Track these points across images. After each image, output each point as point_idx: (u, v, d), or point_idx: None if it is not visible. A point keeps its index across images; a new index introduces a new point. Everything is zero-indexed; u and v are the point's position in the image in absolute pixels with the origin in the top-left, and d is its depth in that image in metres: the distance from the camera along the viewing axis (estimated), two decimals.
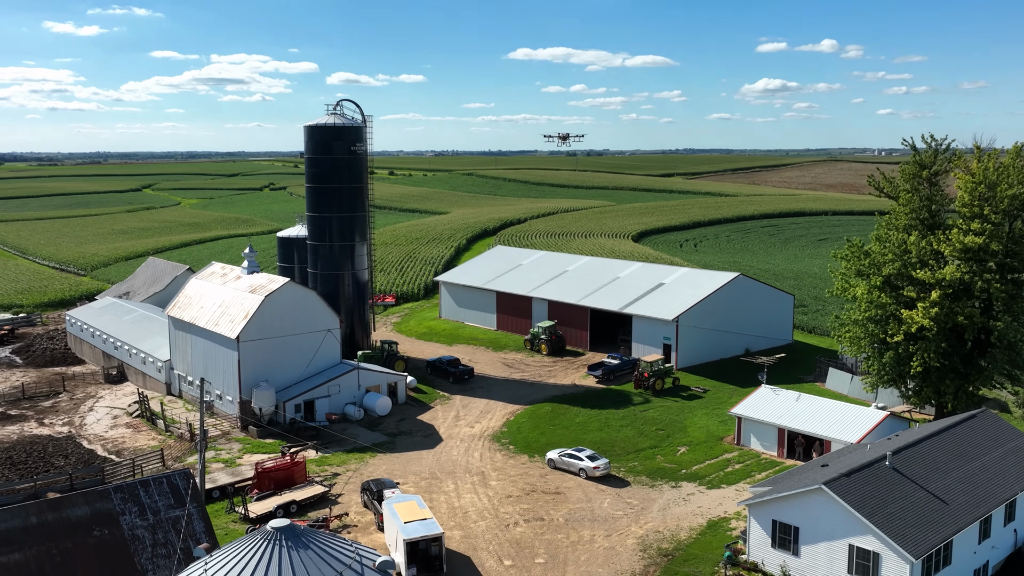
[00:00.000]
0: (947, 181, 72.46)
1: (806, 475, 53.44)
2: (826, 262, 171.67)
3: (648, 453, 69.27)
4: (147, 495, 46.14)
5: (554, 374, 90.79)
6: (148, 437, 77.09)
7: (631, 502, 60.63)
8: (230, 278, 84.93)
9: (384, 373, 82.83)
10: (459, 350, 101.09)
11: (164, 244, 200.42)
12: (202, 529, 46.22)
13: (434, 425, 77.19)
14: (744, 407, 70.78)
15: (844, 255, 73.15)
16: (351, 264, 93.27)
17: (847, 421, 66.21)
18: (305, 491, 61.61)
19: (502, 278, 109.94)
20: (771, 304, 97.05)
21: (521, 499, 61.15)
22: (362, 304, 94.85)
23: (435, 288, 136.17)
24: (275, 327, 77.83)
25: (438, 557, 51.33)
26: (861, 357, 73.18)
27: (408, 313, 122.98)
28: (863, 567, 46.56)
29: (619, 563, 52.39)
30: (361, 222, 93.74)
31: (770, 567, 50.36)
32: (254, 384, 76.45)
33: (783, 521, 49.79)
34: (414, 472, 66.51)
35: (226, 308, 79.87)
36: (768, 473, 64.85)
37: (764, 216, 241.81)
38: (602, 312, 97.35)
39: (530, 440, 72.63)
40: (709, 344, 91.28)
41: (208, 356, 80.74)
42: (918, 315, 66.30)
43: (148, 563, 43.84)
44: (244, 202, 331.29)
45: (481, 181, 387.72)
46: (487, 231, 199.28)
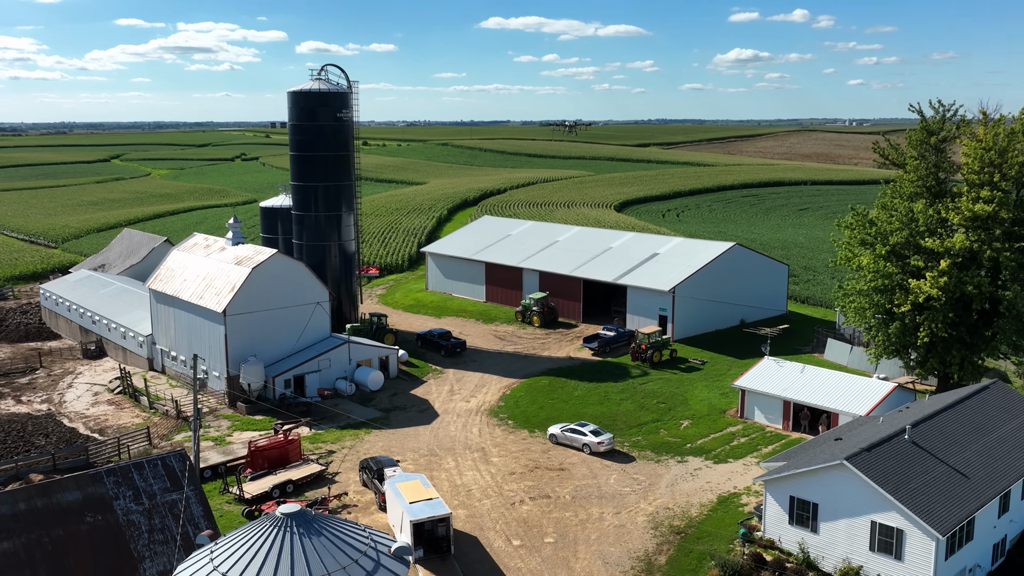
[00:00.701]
0: (953, 149, 71.00)
1: (821, 450, 52.02)
2: (811, 231, 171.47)
3: (651, 427, 67.70)
4: (141, 478, 43.77)
5: (548, 346, 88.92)
6: (132, 414, 74.40)
7: (638, 478, 59.05)
8: (214, 249, 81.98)
9: (375, 347, 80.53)
10: (448, 322, 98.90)
11: (136, 215, 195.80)
12: (200, 513, 43.96)
13: (428, 400, 75.12)
14: (748, 379, 69.32)
15: (848, 224, 71.58)
16: (338, 235, 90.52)
17: (854, 393, 64.93)
18: (301, 470, 59.40)
19: (491, 249, 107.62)
20: (766, 274, 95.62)
21: (525, 476, 59.37)
22: (349, 276, 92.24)
23: (420, 259, 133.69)
24: (263, 300, 75.19)
25: (445, 538, 49.46)
26: (863, 328, 71.87)
27: (393, 285, 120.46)
28: (886, 544, 45.25)
29: (631, 541, 50.82)
30: (347, 191, 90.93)
31: (787, 544, 49.00)
32: (242, 359, 73.91)
33: (801, 497, 48.35)
34: (412, 449, 64.49)
35: (211, 281, 77.05)
36: (775, 447, 63.52)
37: (744, 186, 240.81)
38: (595, 283, 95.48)
39: (529, 414, 70.80)
40: (705, 315, 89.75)
41: (193, 330, 78.00)
42: (926, 285, 64.93)
43: (145, 550, 41.58)
44: (216, 173, 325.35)
45: (456, 151, 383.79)
46: (467, 201, 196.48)
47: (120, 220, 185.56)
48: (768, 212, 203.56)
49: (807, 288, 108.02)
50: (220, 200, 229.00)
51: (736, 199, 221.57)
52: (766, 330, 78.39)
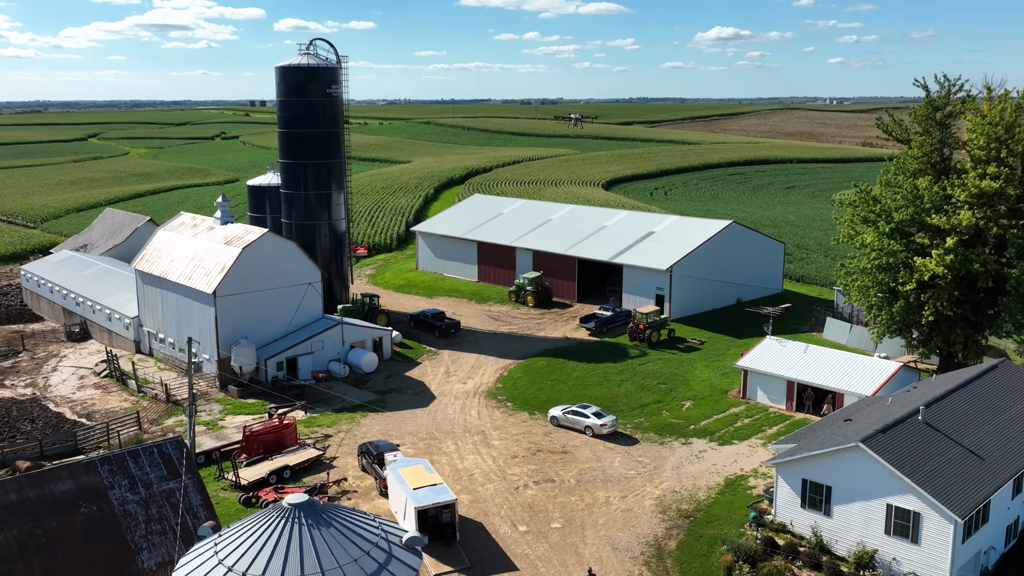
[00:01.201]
0: (957, 125, 69.94)
1: (831, 431, 51.03)
2: (800, 209, 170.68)
3: (653, 408, 66.59)
4: (137, 467, 42.13)
5: (543, 327, 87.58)
6: (120, 398, 72.53)
7: (642, 460, 57.95)
8: (202, 229, 79.91)
9: (369, 328, 78.90)
10: (441, 303, 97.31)
11: (117, 195, 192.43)
12: (199, 502, 42.41)
13: (424, 382, 73.67)
14: (750, 359, 68.29)
15: (851, 201, 70.49)
16: (328, 213, 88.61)
17: (859, 373, 64.03)
18: (298, 455, 57.88)
19: (482, 228, 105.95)
20: (762, 252, 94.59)
21: (527, 459, 58.12)
22: (340, 256, 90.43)
23: (408, 238, 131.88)
24: (254, 281, 73.34)
25: (450, 524, 48.16)
26: (866, 306, 70.92)
27: (382, 264, 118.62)
28: (902, 528, 44.34)
29: (639, 526, 49.73)
30: (337, 169, 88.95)
31: (799, 528, 48.04)
32: (233, 341, 72.11)
33: (814, 480, 47.34)
34: (410, 432, 63.09)
35: (200, 261, 75.05)
36: (780, 427, 62.59)
37: (730, 164, 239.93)
38: (590, 262, 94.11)
39: (528, 396, 69.51)
40: (702, 294, 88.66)
41: (181, 312, 76.06)
42: (931, 263, 63.99)
43: (142, 541, 40.03)
44: (196, 152, 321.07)
45: (439, 130, 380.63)
46: (453, 180, 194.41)
47: (100, 200, 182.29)
48: (755, 190, 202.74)
49: (801, 266, 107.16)
50: (201, 179, 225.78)
51: (723, 177, 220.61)
52: (768, 309, 77.40)
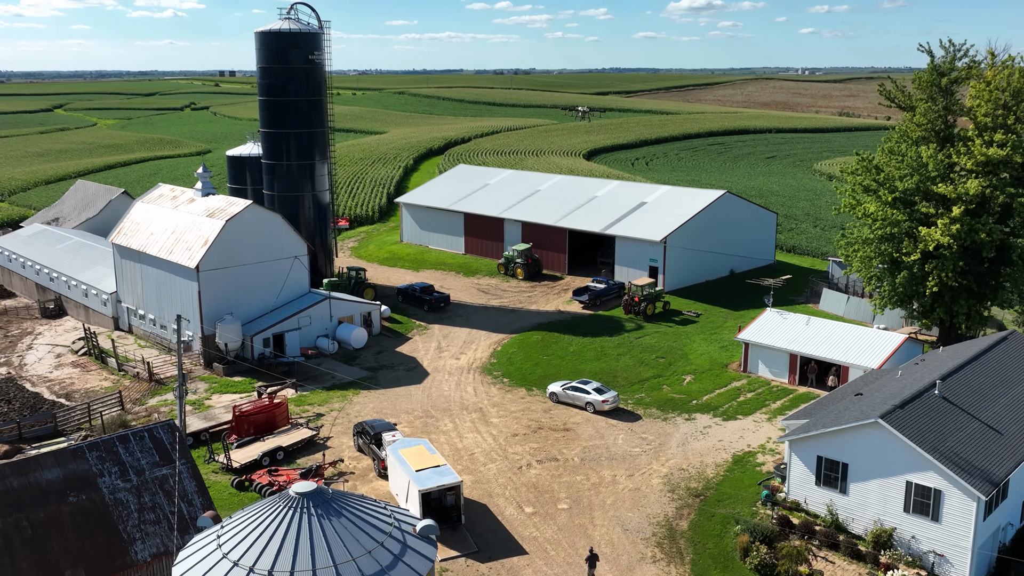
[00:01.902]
0: (962, 91, 68.42)
1: (843, 406, 49.66)
2: (783, 179, 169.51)
3: (653, 383, 65.01)
4: (127, 452, 39.86)
5: (535, 300, 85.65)
6: (99, 377, 69.89)
7: (646, 437, 56.39)
8: (182, 201, 76.96)
9: (358, 302, 76.59)
10: (427, 276, 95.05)
11: (86, 167, 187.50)
12: (194, 489, 40.25)
13: (416, 357, 71.62)
14: (751, 332, 66.81)
15: (853, 170, 68.93)
16: (311, 185, 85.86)
17: (864, 345, 62.75)
18: (291, 435, 55.74)
19: (469, 199, 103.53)
20: (755, 223, 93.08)
21: (528, 437, 56.38)
22: (324, 228, 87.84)
23: (391, 210, 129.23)
24: (238, 255, 70.71)
25: (455, 507, 46.38)
26: (868, 277, 69.62)
27: (365, 237, 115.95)
28: (922, 505, 43.09)
29: (649, 506, 48.20)
30: (321, 139, 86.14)
31: (814, 506, 46.72)
32: (217, 317, 69.56)
33: (830, 457, 45.95)
34: (405, 410, 61.10)
35: (181, 234, 72.23)
36: (783, 402, 61.26)
37: (710, 134, 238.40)
38: (581, 233, 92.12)
39: (524, 372, 67.69)
40: (695, 265, 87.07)
41: (162, 288, 73.33)
42: (937, 232, 62.69)
43: (135, 531, 37.86)
44: (165, 123, 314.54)
45: (414, 100, 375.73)
46: (432, 151, 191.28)
47: (69, 172, 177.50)
48: (736, 160, 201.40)
49: (791, 237, 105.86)
50: (173, 151, 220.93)
51: (703, 147, 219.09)
52: (769, 281, 75.92)
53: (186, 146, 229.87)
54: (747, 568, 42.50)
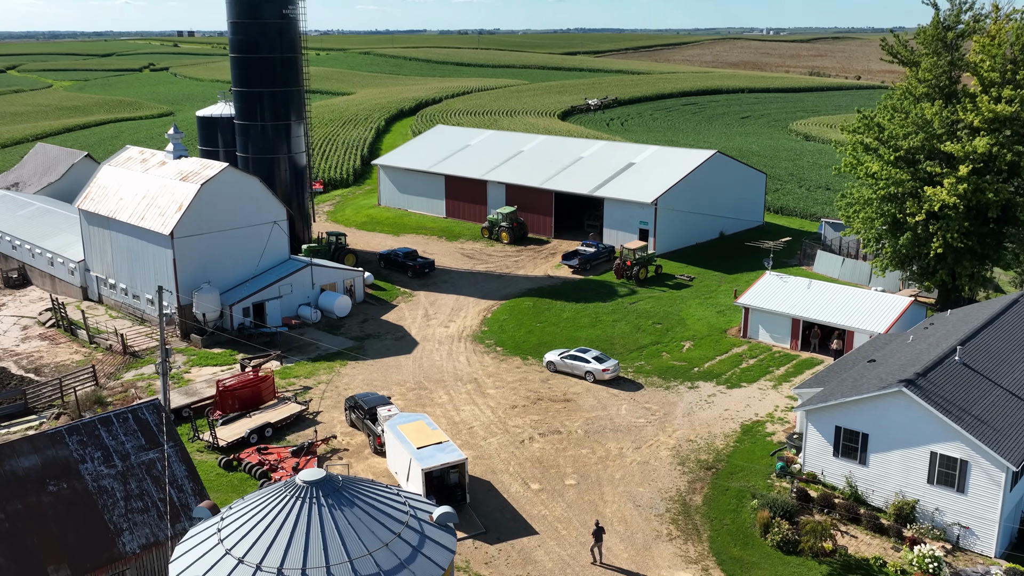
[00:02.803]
0: (966, 46, 66.34)
1: (857, 373, 47.82)
2: (760, 139, 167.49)
3: (652, 350, 62.90)
4: (110, 435, 36.90)
5: (522, 264, 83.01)
6: (70, 350, 66.41)
7: (650, 407, 54.31)
8: (152, 164, 73.06)
9: (340, 269, 73.52)
10: (408, 240, 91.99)
11: (44, 129, 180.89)
12: (184, 474, 37.46)
13: (403, 326, 68.87)
14: (751, 296, 64.82)
15: (854, 128, 66.79)
16: (287, 146, 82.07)
17: (869, 309, 60.99)
18: (278, 411, 52.92)
19: (450, 160, 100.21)
20: (744, 183, 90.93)
21: (528, 409, 54.05)
22: (301, 192, 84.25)
23: (366, 173, 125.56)
24: (214, 220, 67.21)
25: (459, 486, 44.02)
26: (869, 239, 67.82)
27: (340, 201, 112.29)
28: (947, 476, 41.44)
29: (659, 480, 46.20)
30: (296, 98, 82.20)
31: (831, 478, 44.98)
32: (194, 286, 66.23)
33: (849, 428, 44.13)
34: (396, 382, 58.47)
35: (153, 199, 68.52)
36: (787, 368, 59.47)
37: (683, 94, 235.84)
38: (567, 196, 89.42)
39: (518, 340, 65.24)
40: (686, 228, 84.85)
41: (134, 255, 69.70)
42: (943, 192, 60.87)
43: (122, 520, 35.06)
44: (124, 84, 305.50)
45: (380, 60, 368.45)
46: (403, 111, 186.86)
47: (27, 135, 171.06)
48: (711, 120, 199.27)
49: (778, 198, 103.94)
50: (133, 113, 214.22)
51: (676, 107, 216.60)
52: (768, 243, 73.90)
53: (147, 108, 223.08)
54: (768, 545, 40.69)
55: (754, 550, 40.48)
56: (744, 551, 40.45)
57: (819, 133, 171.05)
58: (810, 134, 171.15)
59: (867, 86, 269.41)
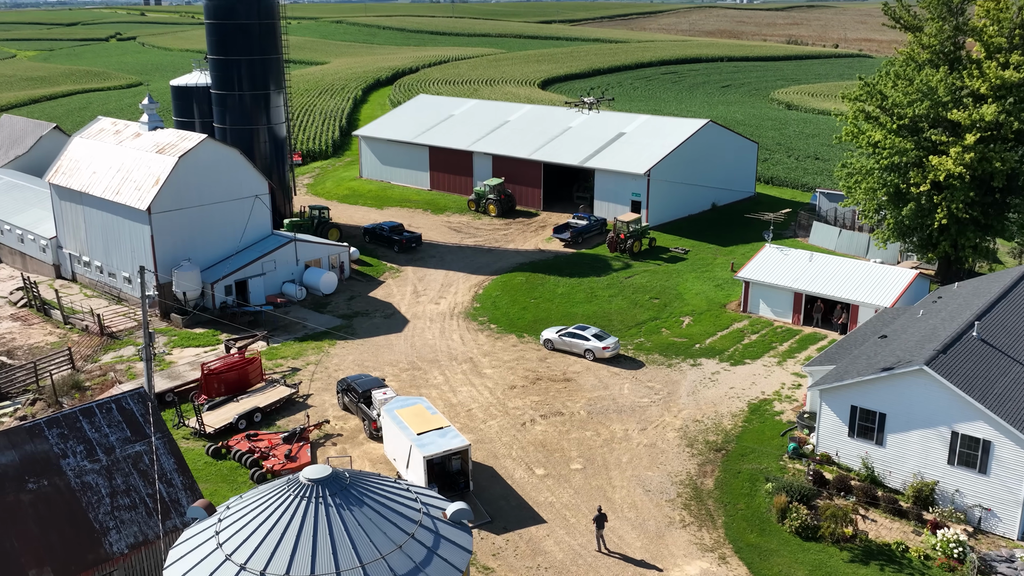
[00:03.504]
0: (970, 10, 64.47)
1: (870, 350, 46.22)
2: (745, 108, 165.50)
3: (651, 326, 61.06)
4: (93, 428, 34.49)
5: (511, 238, 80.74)
6: (44, 331, 63.56)
7: (653, 386, 52.52)
8: (127, 136, 69.88)
9: (326, 244, 70.93)
10: (392, 214, 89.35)
11: (9, 100, 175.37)
12: (173, 467, 35.16)
13: (392, 303, 66.56)
14: (751, 270, 63.06)
15: (855, 96, 64.87)
16: (266, 117, 79.09)
17: (873, 282, 59.41)
18: (267, 394, 50.60)
19: (434, 131, 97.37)
20: (736, 153, 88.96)
21: (528, 390, 52.09)
22: (282, 164, 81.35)
23: (345, 144, 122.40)
24: (193, 194, 64.35)
25: (461, 472, 42.08)
26: (867, 209, 66.20)
27: (320, 173, 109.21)
28: (968, 457, 40.01)
29: (668, 463, 44.48)
30: (275, 66, 79.16)
31: (846, 459, 43.47)
32: (173, 264, 63.50)
33: (865, 407, 42.56)
34: (389, 362, 56.27)
35: (128, 173, 65.49)
36: (790, 343, 57.88)
37: (661, 63, 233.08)
38: (556, 167, 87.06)
39: (512, 317, 63.15)
40: (678, 199, 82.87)
41: (110, 232, 66.75)
42: (949, 161, 59.21)
43: (108, 519, 32.77)
44: (91, 54, 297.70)
45: (353, 29, 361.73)
46: (380, 81, 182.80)
47: None
48: (692, 89, 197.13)
49: (766, 168, 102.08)
50: (101, 83, 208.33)
51: (656, 76, 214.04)
52: (769, 215, 72.09)
53: (116, 78, 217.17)
54: (786, 531, 39.12)
55: (772, 536, 38.91)
56: (761, 537, 38.86)
57: (801, 102, 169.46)
58: (792, 103, 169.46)
59: (845, 54, 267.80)
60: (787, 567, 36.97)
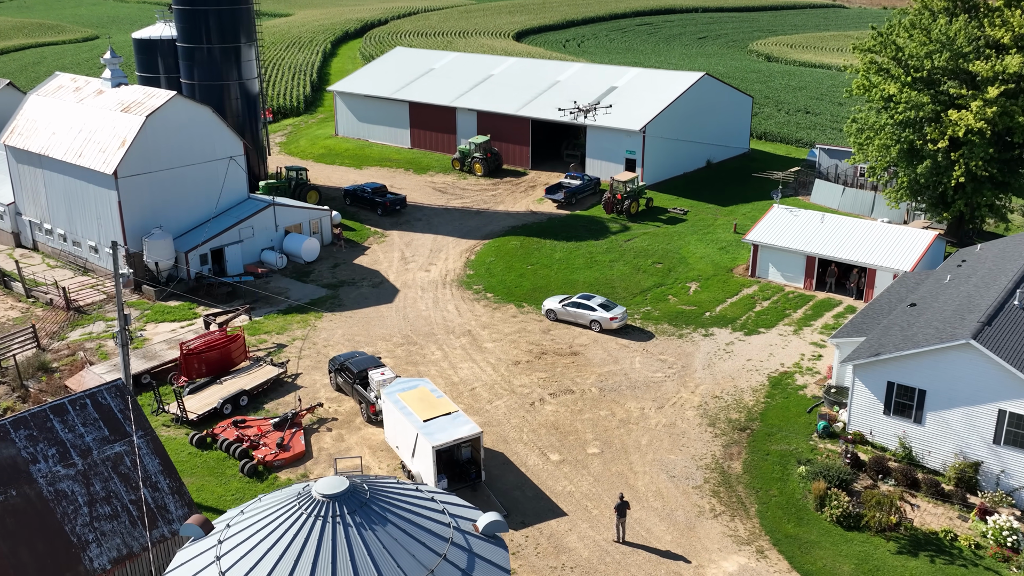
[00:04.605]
0: None
1: (902, 320, 43.29)
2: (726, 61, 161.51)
3: (656, 293, 57.78)
4: (66, 427, 30.62)
5: (500, 199, 76.82)
6: (4, 306, 58.98)
7: (666, 359, 49.36)
8: (88, 93, 64.77)
9: (306, 209, 66.62)
10: (373, 174, 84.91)
11: None
12: (158, 468, 31.43)
13: (379, 270, 62.65)
14: (760, 233, 59.86)
15: (868, 46, 61.43)
16: (237, 72, 74.03)
17: (890, 244, 56.45)
18: (253, 375, 46.73)
19: (413, 85, 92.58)
20: (731, 108, 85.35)
21: (533, 365, 48.70)
22: (255, 122, 76.52)
23: (317, 100, 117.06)
24: (163, 156, 59.71)
25: (472, 462, 38.73)
26: (880, 168, 63.13)
27: (292, 131, 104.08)
28: (1016, 436, 37.35)
29: (691, 445, 41.46)
30: (246, 17, 73.92)
31: (881, 438, 40.71)
32: (144, 232, 59.05)
33: (904, 383, 39.68)
34: (381, 336, 52.55)
35: (91, 134, 60.61)
36: (804, 310, 54.92)
37: (636, 14, 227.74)
38: (545, 123, 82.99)
39: (509, 285, 59.54)
40: (673, 157, 79.27)
41: (73, 198, 61.99)
42: (970, 116, 56.13)
43: (87, 531, 29.09)
44: (41, 6, 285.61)
45: None
46: (349, 34, 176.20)
47: None
48: (668, 40, 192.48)
49: (758, 123, 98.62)
50: (56, 36, 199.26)
51: (631, 28, 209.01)
52: (778, 174, 68.72)
53: (70, 31, 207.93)
54: (825, 519, 36.30)
55: (811, 526, 36.08)
56: (799, 528, 36.03)
57: (781, 54, 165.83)
58: (772, 55, 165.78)
59: (819, 4, 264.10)
60: (831, 561, 34.20)
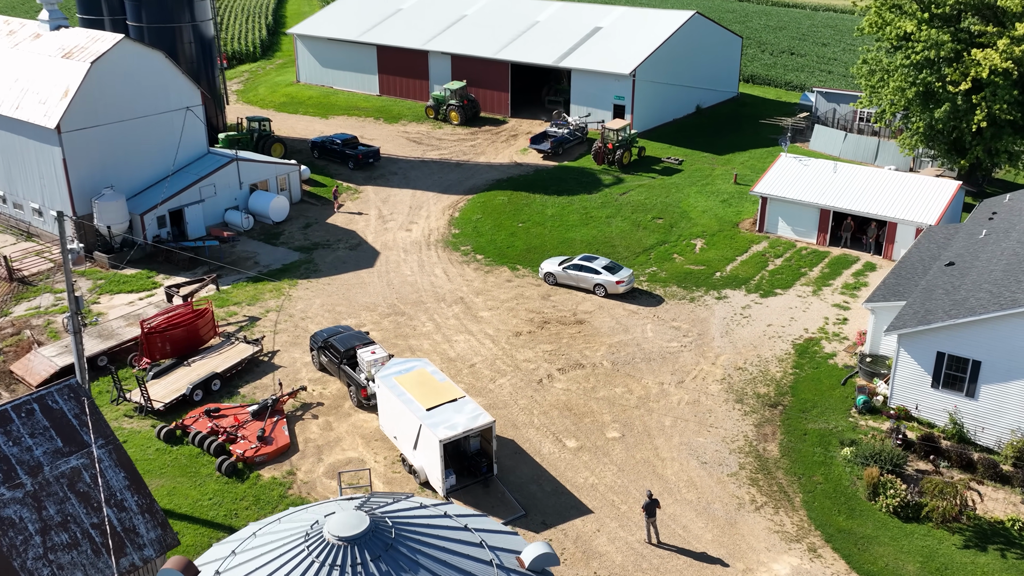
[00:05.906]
0: None
1: (944, 281, 39.46)
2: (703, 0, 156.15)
3: (660, 252, 53.40)
4: (10, 440, 25.53)
5: (481, 150, 71.55)
6: None
7: (680, 326, 45.16)
8: (23, 37, 58.05)
9: (273, 163, 60.91)
10: (340, 124, 79.00)
11: None
12: (123, 483, 26.52)
13: (355, 231, 57.46)
14: (769, 184, 55.57)
15: None
16: (190, 13, 67.32)
17: (910, 196, 52.53)
18: (224, 354, 41.63)
19: (381, 27, 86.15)
20: (720, 49, 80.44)
21: (536, 336, 44.20)
22: (210, 69, 70.06)
23: (274, 44, 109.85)
24: (112, 108, 53.56)
25: (483, 454, 34.32)
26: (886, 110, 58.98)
27: (250, 77, 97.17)
28: None
29: (720, 425, 37.46)
30: None
31: (928, 413, 37.04)
32: (93, 193, 53.15)
33: (956, 354, 35.90)
34: (364, 306, 47.62)
35: (29, 83, 54.17)
36: (821, 268, 50.98)
37: None
38: (526, 67, 77.49)
39: (500, 245, 54.71)
40: (663, 102, 74.44)
41: (11, 155, 55.70)
42: (996, 55, 52.02)
43: (39, 564, 24.24)
44: None
45: None
46: None
47: None
48: None
49: (743, 65, 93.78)
50: None
51: None
52: (787, 121, 64.24)
53: None
54: (879, 510, 32.56)
55: (864, 519, 32.33)
56: (852, 520, 32.26)
57: None
58: None
59: None
60: (892, 559, 30.51)
